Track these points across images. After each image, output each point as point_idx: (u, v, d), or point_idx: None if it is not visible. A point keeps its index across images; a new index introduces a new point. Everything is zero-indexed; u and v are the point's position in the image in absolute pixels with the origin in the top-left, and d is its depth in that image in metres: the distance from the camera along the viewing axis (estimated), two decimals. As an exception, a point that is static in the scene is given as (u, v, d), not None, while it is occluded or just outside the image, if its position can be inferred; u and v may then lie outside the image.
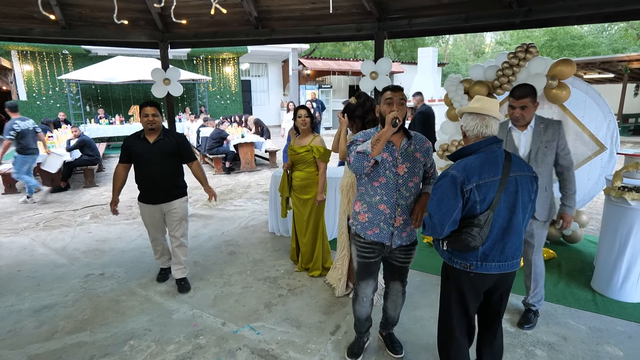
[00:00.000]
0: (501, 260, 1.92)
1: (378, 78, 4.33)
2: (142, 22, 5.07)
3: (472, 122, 1.92)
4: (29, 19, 4.63)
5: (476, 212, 1.85)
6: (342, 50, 26.65)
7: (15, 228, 5.32)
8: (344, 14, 4.60)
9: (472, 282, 1.97)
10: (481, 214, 1.84)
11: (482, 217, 1.83)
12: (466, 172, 1.84)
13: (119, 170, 3.46)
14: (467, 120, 1.94)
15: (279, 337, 2.82)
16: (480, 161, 1.86)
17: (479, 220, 1.83)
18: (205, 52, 15.28)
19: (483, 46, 34.96)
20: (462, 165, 1.87)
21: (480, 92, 4.12)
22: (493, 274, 1.94)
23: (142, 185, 3.48)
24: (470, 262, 1.93)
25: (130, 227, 5.30)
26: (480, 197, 1.83)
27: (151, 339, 2.83)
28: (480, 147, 1.90)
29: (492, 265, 1.92)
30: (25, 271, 3.97)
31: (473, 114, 1.93)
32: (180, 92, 5.32)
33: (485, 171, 1.84)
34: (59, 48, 13.20)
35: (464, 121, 1.96)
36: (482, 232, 1.84)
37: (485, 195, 1.83)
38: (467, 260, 1.94)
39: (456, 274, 2.00)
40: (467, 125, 1.94)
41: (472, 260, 1.93)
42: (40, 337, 2.87)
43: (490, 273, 1.93)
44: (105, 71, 12.10)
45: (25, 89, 13.35)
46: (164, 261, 3.73)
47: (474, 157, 1.89)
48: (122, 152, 3.44)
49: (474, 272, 1.93)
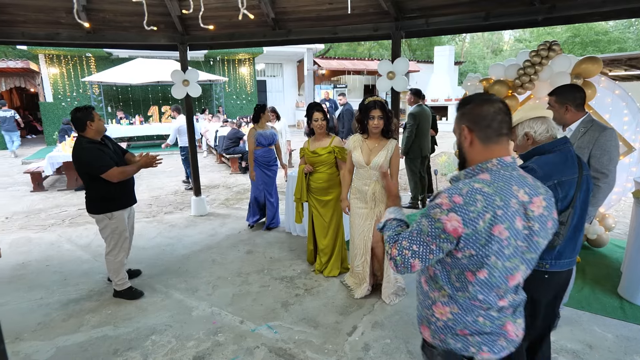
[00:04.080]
0: (571, 257, 1.97)
1: (395, 78, 4.31)
2: (163, 25, 5.18)
3: (542, 126, 1.96)
4: (55, 24, 4.79)
5: (558, 209, 1.86)
6: (357, 50, 26.59)
7: (44, 224, 5.52)
8: (361, 14, 4.60)
9: (547, 282, 1.97)
10: (562, 212, 1.88)
11: (563, 215, 1.87)
12: (546, 168, 1.87)
13: None
14: (536, 126, 1.97)
15: (296, 337, 2.85)
16: (559, 159, 1.91)
17: (562, 218, 1.87)
18: (221, 53, 15.46)
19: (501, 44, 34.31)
20: (542, 161, 1.90)
21: (500, 92, 4.06)
22: (564, 271, 1.97)
23: (124, 188, 3.31)
24: (546, 261, 1.93)
25: (150, 225, 5.42)
26: (562, 195, 1.88)
27: (172, 334, 2.90)
28: (556, 146, 1.94)
29: (564, 262, 1.96)
30: (53, 266, 4.12)
31: (538, 119, 1.97)
32: (198, 93, 5.42)
33: (567, 169, 1.90)
34: (83, 51, 13.56)
35: (530, 127, 1.98)
36: (564, 229, 1.88)
37: (567, 192, 1.89)
38: (543, 259, 1.93)
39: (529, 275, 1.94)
40: (537, 130, 1.97)
41: (547, 259, 1.93)
42: (68, 329, 2.98)
43: (563, 270, 1.96)
44: (125, 73, 12.39)
45: (52, 91, 13.78)
46: None
47: (552, 155, 1.93)
48: (107, 158, 3.18)
49: (549, 270, 1.94)
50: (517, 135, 2.02)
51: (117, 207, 3.26)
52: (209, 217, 5.71)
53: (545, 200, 1.31)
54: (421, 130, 5.76)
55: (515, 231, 1.24)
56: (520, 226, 1.25)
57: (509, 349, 1.35)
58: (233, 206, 6.27)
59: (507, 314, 1.34)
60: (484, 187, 1.23)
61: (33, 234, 5.14)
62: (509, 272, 1.27)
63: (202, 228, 5.24)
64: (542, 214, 1.29)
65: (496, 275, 1.26)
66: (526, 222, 1.26)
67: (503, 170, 1.29)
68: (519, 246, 1.26)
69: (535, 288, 1.96)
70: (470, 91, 4.36)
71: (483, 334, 1.32)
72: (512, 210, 1.23)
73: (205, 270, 3.96)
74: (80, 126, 3.13)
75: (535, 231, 1.28)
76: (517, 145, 2.07)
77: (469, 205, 1.20)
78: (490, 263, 1.24)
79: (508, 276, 1.27)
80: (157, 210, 6.17)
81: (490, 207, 1.20)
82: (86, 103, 13.86)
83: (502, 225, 1.21)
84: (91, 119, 3.13)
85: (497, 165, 1.29)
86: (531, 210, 1.27)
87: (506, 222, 1.22)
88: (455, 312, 1.33)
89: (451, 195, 1.23)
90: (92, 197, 3.23)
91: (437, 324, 1.38)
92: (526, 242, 1.28)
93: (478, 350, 1.32)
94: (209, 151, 11.80)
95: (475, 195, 1.21)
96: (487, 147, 1.31)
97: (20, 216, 5.93)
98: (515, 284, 1.32)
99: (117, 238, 3.31)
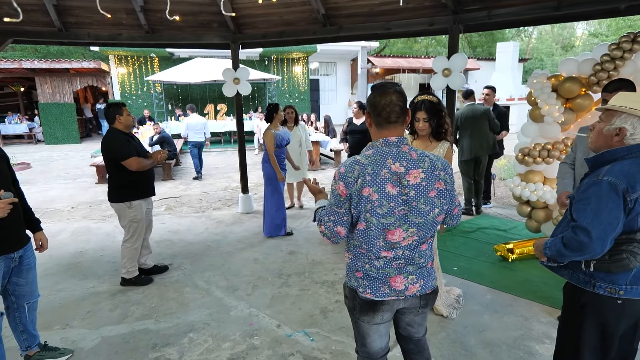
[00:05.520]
0: None
1: (451, 75, 4.02)
2: (216, 24, 5.28)
3: None
4: (118, 25, 5.05)
5: (637, 225, 1.58)
6: (413, 48, 25.79)
7: (103, 215, 5.87)
8: (416, 8, 4.34)
9: (620, 311, 1.66)
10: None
11: None
12: (627, 178, 1.57)
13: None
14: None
15: (332, 347, 2.72)
16: (636, 168, 1.60)
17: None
18: (276, 52, 15.69)
19: (573, 39, 31.58)
20: (618, 171, 1.60)
21: (572, 90, 3.62)
22: None
23: (143, 180, 3.57)
24: (620, 286, 1.63)
25: (199, 220, 5.56)
26: None
27: (209, 333, 2.89)
28: (632, 152, 1.63)
29: None
30: (107, 256, 4.33)
31: None
32: (248, 91, 5.46)
33: None
34: (147, 52, 14.42)
35: (632, 125, 1.63)
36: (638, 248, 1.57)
37: None
38: (615, 284, 1.64)
39: (598, 302, 1.68)
40: (636, 130, 1.64)
41: (621, 284, 1.63)
42: (113, 320, 3.09)
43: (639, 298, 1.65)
44: (185, 72, 12.97)
45: (120, 90, 14.82)
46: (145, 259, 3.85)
47: (628, 162, 1.62)
48: (131, 148, 3.49)
49: (623, 297, 1.64)
50: (609, 124, 1.67)
51: (136, 196, 3.52)
52: (255, 214, 5.75)
53: (424, 173, 1.58)
54: (466, 131, 5.38)
55: (385, 195, 1.54)
56: (395, 192, 1.55)
57: (396, 297, 1.66)
58: (279, 205, 6.27)
59: (393, 267, 1.64)
60: (362, 159, 1.58)
61: (93, 224, 5.48)
62: (386, 227, 1.57)
63: (248, 225, 5.28)
64: (420, 184, 1.57)
65: (373, 229, 1.58)
66: (401, 189, 1.55)
67: (386, 147, 1.60)
68: (395, 208, 1.55)
69: (607, 317, 1.67)
70: (535, 89, 3.94)
71: (370, 279, 1.66)
72: (382, 178, 1.54)
73: (246, 269, 3.95)
74: (111, 119, 3.46)
75: (412, 197, 1.56)
76: (597, 134, 1.72)
77: (348, 173, 1.57)
78: (367, 218, 1.56)
79: (385, 230, 1.58)
80: (207, 205, 6.33)
81: (361, 174, 1.54)
82: (149, 101, 14.82)
83: (371, 189, 1.53)
84: (120, 113, 3.45)
85: (382, 144, 1.61)
86: (406, 179, 1.55)
87: (374, 186, 1.54)
88: (351, 257, 1.73)
89: (339, 168, 1.61)
90: (114, 185, 3.50)
91: (347, 267, 1.78)
92: (406, 206, 1.56)
93: (364, 290, 1.67)
94: (260, 149, 12.01)
95: (354, 165, 1.57)
96: (379, 131, 1.63)
97: (84, 206, 6.37)
98: (397, 239, 1.59)
99: (136, 226, 3.56)
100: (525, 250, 3.98)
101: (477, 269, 3.85)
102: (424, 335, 1.91)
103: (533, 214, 4.16)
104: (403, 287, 1.65)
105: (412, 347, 1.91)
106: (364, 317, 1.73)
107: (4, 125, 14.82)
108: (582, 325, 1.71)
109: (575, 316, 1.75)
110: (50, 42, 6.09)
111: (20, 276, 2.36)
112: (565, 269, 1.76)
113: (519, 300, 3.26)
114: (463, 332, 2.85)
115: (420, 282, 1.68)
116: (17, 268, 2.34)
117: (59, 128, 14.50)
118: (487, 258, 4.08)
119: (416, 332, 1.87)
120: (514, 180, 4.23)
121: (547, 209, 4.08)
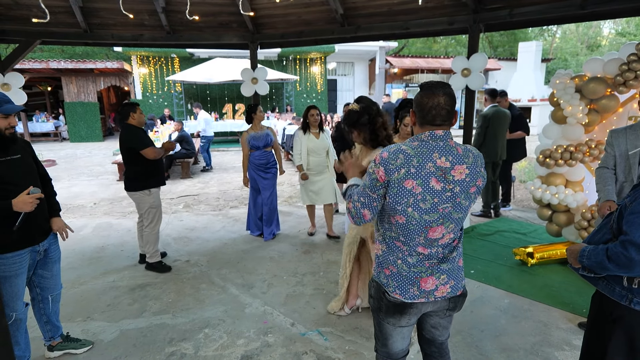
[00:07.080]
0: None
1: (471, 75, 3.96)
2: (235, 24, 5.34)
3: None
4: (140, 26, 5.17)
5: None
6: (432, 48, 25.48)
7: (124, 211, 6.02)
8: (435, 7, 4.30)
9: None
10: None
11: None
12: None
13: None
14: None
15: (346, 347, 2.71)
16: None
17: None
18: (294, 52, 15.75)
19: (599, 38, 30.59)
20: None
21: (597, 90, 3.52)
22: None
23: (157, 168, 3.84)
24: None
25: (216, 218, 5.64)
26: None
27: (224, 330, 2.93)
28: None
29: None
30: (127, 251, 4.44)
31: None
32: (266, 91, 5.50)
33: None
34: (168, 52, 14.70)
35: None
36: None
37: None
38: None
39: (632, 317, 1.60)
40: None
41: None
42: (132, 313, 3.16)
43: None
44: (204, 72, 13.16)
45: (141, 89, 15.16)
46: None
47: None
48: (148, 139, 3.82)
49: None
50: None
51: (154, 184, 3.82)
52: (270, 213, 5.78)
53: (469, 169, 1.55)
54: (493, 133, 5.21)
55: (429, 189, 1.51)
56: (439, 187, 1.51)
57: (425, 298, 1.62)
58: (295, 204, 6.30)
59: (425, 266, 1.59)
60: (407, 149, 1.53)
61: (114, 220, 5.62)
62: (429, 224, 1.54)
63: (263, 224, 5.31)
64: (464, 180, 1.54)
65: (414, 224, 1.54)
66: (445, 185, 1.52)
67: (432, 141, 1.55)
68: (439, 204, 1.52)
69: (638, 332, 1.58)
70: (558, 90, 3.84)
71: (399, 278, 1.61)
72: (427, 171, 1.50)
73: (262, 267, 3.99)
74: (125, 116, 3.74)
75: (457, 193, 1.53)
76: None
77: (391, 159, 1.52)
78: (408, 213, 1.53)
79: (427, 227, 1.55)
80: (224, 204, 6.41)
81: (405, 164, 1.50)
82: (169, 100, 15.10)
83: (415, 181, 1.50)
84: (134, 111, 3.75)
85: (428, 137, 1.55)
86: (451, 175, 1.52)
87: (419, 179, 1.50)
88: (384, 250, 1.67)
89: (382, 152, 1.56)
90: (134, 174, 3.74)
91: (378, 260, 1.72)
92: (450, 203, 1.53)
93: (393, 290, 1.63)
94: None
95: (398, 154, 1.53)
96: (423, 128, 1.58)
97: (106, 202, 6.54)
98: (437, 237, 1.57)
99: (155, 212, 3.87)
100: (545, 254, 3.87)
101: (495, 272, 3.78)
102: (447, 338, 1.85)
103: (554, 218, 4.06)
104: (433, 288, 1.61)
105: (434, 350, 1.85)
106: (389, 319, 1.69)
107: (31, 124, 15.36)
108: (610, 337, 1.64)
109: (605, 327, 1.67)
110: (76, 43, 6.28)
111: (45, 269, 2.45)
112: (601, 279, 1.67)
113: (538, 305, 3.19)
114: (479, 336, 2.80)
115: (451, 283, 1.64)
116: (42, 261, 2.43)
117: (83, 126, 14.95)
118: (505, 261, 4.00)
119: (440, 335, 1.81)
120: (535, 182, 4.14)
121: (569, 212, 3.98)
